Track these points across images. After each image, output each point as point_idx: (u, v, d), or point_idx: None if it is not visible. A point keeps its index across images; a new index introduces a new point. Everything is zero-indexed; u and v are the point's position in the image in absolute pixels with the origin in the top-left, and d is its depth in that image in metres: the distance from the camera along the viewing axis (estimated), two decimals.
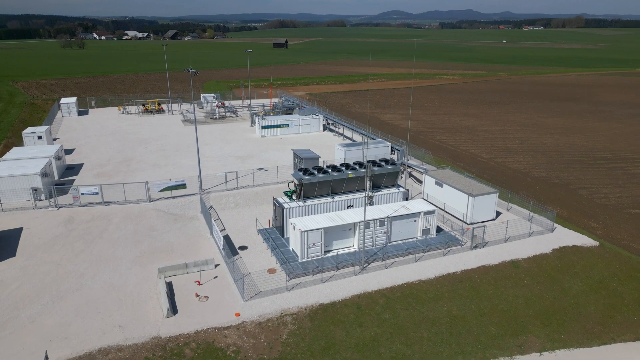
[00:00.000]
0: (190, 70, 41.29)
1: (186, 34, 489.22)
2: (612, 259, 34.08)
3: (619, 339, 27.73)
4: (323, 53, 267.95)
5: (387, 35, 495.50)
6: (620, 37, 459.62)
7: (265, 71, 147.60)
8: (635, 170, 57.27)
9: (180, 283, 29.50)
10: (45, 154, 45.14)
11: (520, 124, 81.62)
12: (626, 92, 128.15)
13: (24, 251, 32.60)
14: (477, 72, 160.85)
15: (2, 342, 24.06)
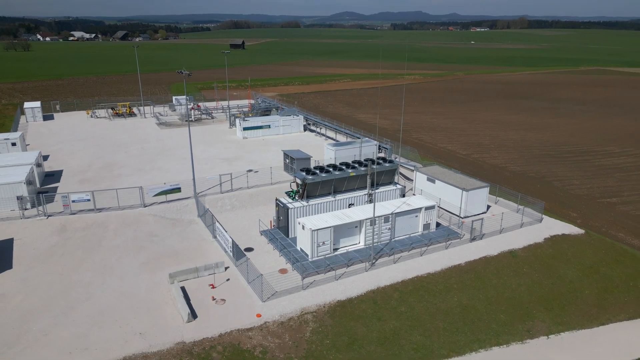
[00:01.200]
0: (183, 72, 40.64)
1: (137, 34, 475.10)
2: (598, 245, 36.46)
3: (614, 319, 29.81)
4: (282, 54, 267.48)
5: (343, 36, 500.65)
6: (561, 38, 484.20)
7: (228, 72, 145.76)
8: (599, 163, 61.09)
9: (193, 287, 29.19)
10: (25, 161, 43.19)
11: (486, 121, 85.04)
12: (574, 90, 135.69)
13: (21, 262, 31.24)
14: (436, 72, 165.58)
15: (18, 358, 23.12)
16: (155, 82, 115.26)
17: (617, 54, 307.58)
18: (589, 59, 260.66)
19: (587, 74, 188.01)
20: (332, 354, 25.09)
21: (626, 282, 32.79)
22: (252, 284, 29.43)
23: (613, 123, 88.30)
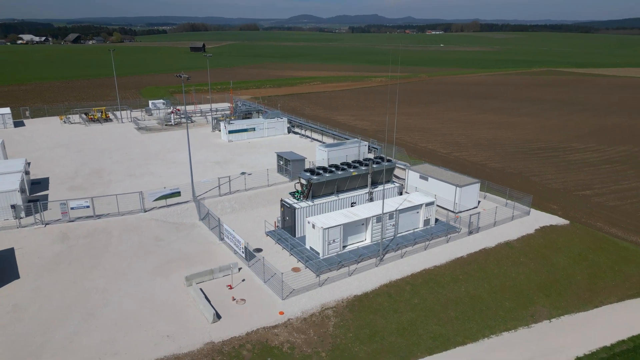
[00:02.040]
0: (182, 76, 40.57)
1: (90, 37, 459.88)
2: (583, 234, 39.10)
3: (606, 301, 32.19)
4: (245, 57, 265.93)
5: (303, 39, 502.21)
6: (511, 40, 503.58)
7: (196, 75, 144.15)
8: (568, 158, 64.86)
9: (210, 289, 29.48)
10: (12, 168, 41.93)
11: (458, 121, 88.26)
12: (532, 90, 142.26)
13: (27, 272, 30.58)
14: (401, 75, 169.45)
15: None
16: (125, 86, 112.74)
17: (564, 56, 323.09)
18: (540, 61, 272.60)
19: (540, 74, 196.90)
20: (357, 346, 26.06)
21: (612, 268, 35.41)
22: (268, 283, 30.02)
23: (572, 121, 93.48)
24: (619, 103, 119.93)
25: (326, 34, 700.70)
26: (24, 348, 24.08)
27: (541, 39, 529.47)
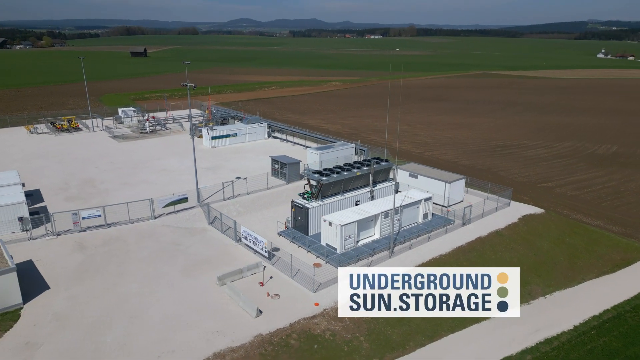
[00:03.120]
0: (187, 85, 41.47)
1: (17, 41, 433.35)
2: (557, 221, 44.01)
3: (587, 278, 36.77)
4: (191, 61, 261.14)
5: (246, 43, 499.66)
6: (446, 45, 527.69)
7: (151, 82, 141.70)
8: (524, 154, 71.10)
9: (242, 287, 31.07)
10: (8, 181, 41.08)
11: (419, 122, 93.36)
12: (476, 92, 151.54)
13: (56, 282, 30.78)
14: (353, 78, 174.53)
15: None
16: (78, 94, 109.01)
17: (495, 59, 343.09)
18: (475, 64, 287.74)
19: (477, 77, 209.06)
20: (389, 329, 28.71)
21: (586, 249, 40.35)
22: (295, 279, 32.04)
23: (518, 120, 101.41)
24: (554, 103, 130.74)
25: (268, 38, 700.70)
26: (78, 353, 24.77)
27: (473, 43, 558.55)
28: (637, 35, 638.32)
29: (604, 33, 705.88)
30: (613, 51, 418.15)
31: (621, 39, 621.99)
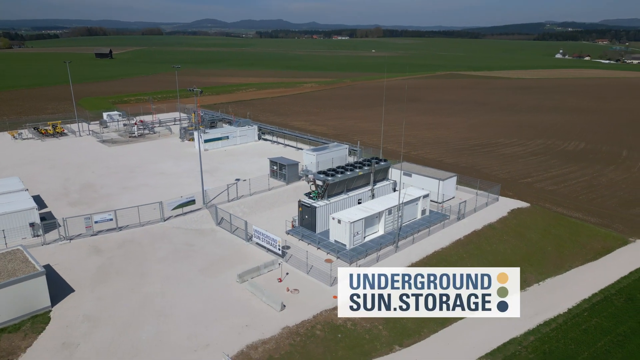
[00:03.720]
0: (194, 90, 42.39)
1: None
2: (542, 214, 47.25)
3: (573, 265, 39.91)
4: (158, 63, 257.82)
5: (213, 44, 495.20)
6: (412, 45, 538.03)
7: (125, 85, 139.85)
8: (502, 152, 74.84)
9: (262, 283, 32.55)
10: (12, 187, 41.12)
11: (399, 123, 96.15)
12: (448, 92, 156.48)
13: (80, 284, 31.47)
14: (327, 80, 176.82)
15: None
16: (55, 97, 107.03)
17: (460, 60, 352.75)
18: (441, 65, 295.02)
19: (446, 78, 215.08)
20: (404, 318, 30.69)
21: (571, 239, 43.63)
22: (310, 274, 33.75)
23: (491, 119, 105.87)
24: (521, 102, 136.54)
25: (234, 39, 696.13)
26: (116, 351, 25.78)
27: (437, 44, 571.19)
28: (591, 36, 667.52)
29: (560, 34, 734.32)
30: (570, 52, 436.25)
31: (577, 39, 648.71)
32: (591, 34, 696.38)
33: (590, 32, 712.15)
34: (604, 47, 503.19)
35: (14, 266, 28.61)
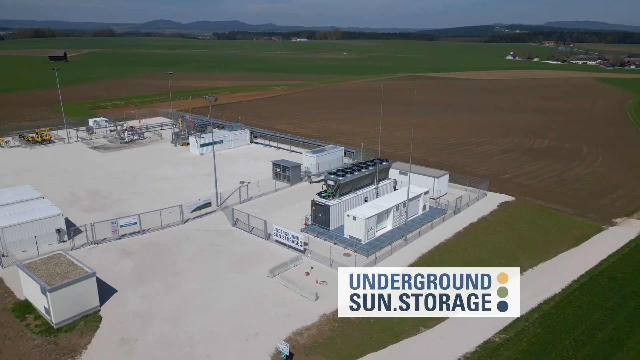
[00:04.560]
0: (209, 97, 44.15)
1: None
2: (526, 206, 51.91)
3: (559, 251, 44.44)
4: (119, 66, 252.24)
5: (172, 46, 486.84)
6: (370, 47, 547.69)
7: (94, 89, 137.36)
8: (477, 151, 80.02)
9: (291, 277, 35.05)
10: (28, 195, 41.71)
11: (377, 124, 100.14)
12: (416, 94, 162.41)
13: (119, 285, 32.98)
14: (296, 82, 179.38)
15: (210, 348, 27.11)
16: (28, 104, 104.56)
17: (419, 61, 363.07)
18: (402, 67, 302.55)
19: (408, 79, 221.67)
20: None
21: (554, 228, 48.38)
22: (333, 267, 36.51)
23: (460, 120, 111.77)
24: (484, 103, 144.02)
25: (191, 40, 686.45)
26: (173, 342, 27.73)
27: (395, 46, 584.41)
28: (538, 38, 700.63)
29: (509, 36, 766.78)
30: (520, 53, 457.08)
31: (525, 41, 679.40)
32: (537, 36, 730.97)
33: (536, 34, 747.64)
34: (550, 49, 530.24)
35: (63, 269, 29.93)
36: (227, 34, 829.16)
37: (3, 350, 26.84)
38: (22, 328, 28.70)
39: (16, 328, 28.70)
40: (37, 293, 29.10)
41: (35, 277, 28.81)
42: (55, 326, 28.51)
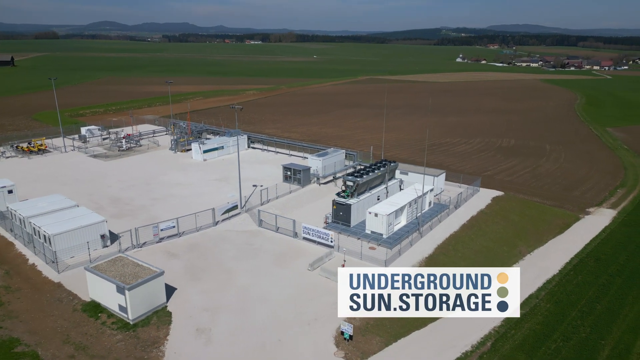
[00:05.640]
0: (234, 107, 46.80)
1: None
2: (514, 200, 57.79)
3: (549, 238, 50.14)
4: (72, 71, 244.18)
5: (123, 49, 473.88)
6: (325, 50, 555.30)
7: (65, 97, 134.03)
8: (455, 150, 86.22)
9: (331, 269, 38.66)
10: (64, 204, 43.10)
11: (357, 127, 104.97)
12: (380, 97, 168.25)
13: (177, 283, 35.41)
14: (265, 87, 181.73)
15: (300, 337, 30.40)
16: (5, 113, 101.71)
17: (375, 64, 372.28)
18: (360, 70, 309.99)
19: (369, 82, 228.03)
20: None
21: (540, 218, 54.36)
22: (364, 259, 40.45)
23: (430, 121, 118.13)
24: (448, 105, 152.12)
25: (141, 43, 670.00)
26: (246, 329, 30.79)
27: (348, 49, 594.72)
28: (483, 41, 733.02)
29: (457, 39, 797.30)
30: (469, 56, 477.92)
31: (471, 44, 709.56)
32: (482, 39, 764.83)
33: (481, 38, 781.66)
34: (495, 51, 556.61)
35: (131, 270, 32.23)
36: (177, 37, 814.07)
37: (89, 346, 29.00)
38: (99, 326, 30.82)
39: (93, 326, 30.79)
40: (109, 293, 31.28)
41: (110, 278, 31.01)
42: (131, 322, 30.83)
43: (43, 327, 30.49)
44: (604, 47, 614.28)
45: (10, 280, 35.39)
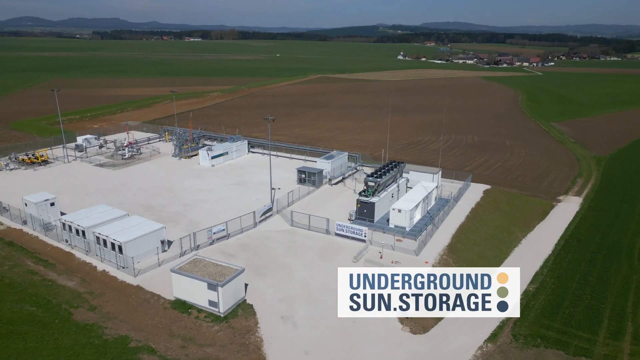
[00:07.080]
0: (268, 118, 50.69)
1: None
2: (501, 192, 65.78)
3: (535, 224, 58.32)
4: (5, 72, 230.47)
5: (56, 48, 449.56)
6: (269, 48, 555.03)
7: (14, 103, 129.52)
8: (431, 148, 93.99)
9: (374, 260, 44.15)
10: (114, 214, 45.56)
11: (334, 128, 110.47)
12: (342, 97, 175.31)
13: (248, 280, 39.38)
14: (227, 88, 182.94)
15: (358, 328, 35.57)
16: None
17: (321, 62, 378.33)
18: (309, 68, 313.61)
19: (321, 82, 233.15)
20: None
21: (524, 207, 62.61)
22: (396, 250, 46.27)
23: (397, 120, 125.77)
24: (407, 104, 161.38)
25: (72, 40, 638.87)
26: (322, 315, 35.65)
27: (291, 47, 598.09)
28: (419, 39, 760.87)
29: (394, 36, 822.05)
30: (410, 53, 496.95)
31: (409, 41, 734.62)
32: (419, 36, 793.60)
33: (418, 35, 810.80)
34: (433, 49, 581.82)
35: (214, 269, 36.11)
36: (109, 33, 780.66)
37: (194, 337, 32.81)
38: (193, 320, 34.56)
39: (189, 320, 34.49)
40: (198, 290, 34.99)
41: (201, 277, 34.78)
42: (222, 315, 34.78)
43: (145, 324, 33.80)
44: (530, 44, 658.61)
45: (90, 287, 37.98)
